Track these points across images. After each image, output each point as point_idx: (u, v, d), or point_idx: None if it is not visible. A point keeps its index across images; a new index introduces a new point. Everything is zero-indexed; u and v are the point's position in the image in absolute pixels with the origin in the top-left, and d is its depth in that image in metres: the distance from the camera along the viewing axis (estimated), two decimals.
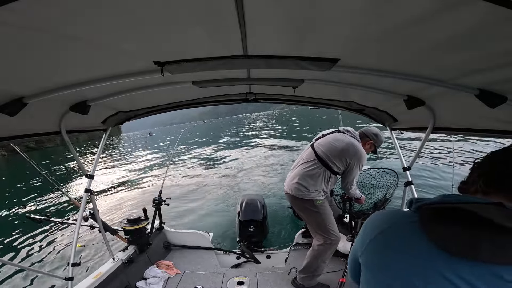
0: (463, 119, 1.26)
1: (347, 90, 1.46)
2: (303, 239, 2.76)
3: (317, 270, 2.05)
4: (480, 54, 0.68)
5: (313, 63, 0.87)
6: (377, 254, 0.55)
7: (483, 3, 0.44)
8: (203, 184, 7.99)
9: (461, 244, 0.43)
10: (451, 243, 0.44)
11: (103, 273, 1.98)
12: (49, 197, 8.43)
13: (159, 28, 0.64)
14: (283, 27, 0.66)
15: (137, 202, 6.73)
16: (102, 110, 1.64)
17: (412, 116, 1.58)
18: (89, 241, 4.31)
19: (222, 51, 0.84)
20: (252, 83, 1.39)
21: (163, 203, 2.88)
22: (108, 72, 0.96)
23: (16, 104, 0.97)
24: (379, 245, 0.55)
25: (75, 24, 0.57)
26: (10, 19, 0.50)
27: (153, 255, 2.56)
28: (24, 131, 1.29)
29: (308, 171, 1.98)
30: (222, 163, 11.46)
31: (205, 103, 1.89)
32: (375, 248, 0.56)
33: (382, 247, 0.54)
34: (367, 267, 0.57)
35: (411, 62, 0.85)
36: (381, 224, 0.57)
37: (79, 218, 1.80)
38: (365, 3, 0.52)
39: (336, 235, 1.99)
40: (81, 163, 1.79)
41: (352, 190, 2.04)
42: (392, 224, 0.56)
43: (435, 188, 5.09)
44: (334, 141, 1.98)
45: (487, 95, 0.87)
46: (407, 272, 0.48)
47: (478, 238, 0.42)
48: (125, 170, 12.89)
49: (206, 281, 2.29)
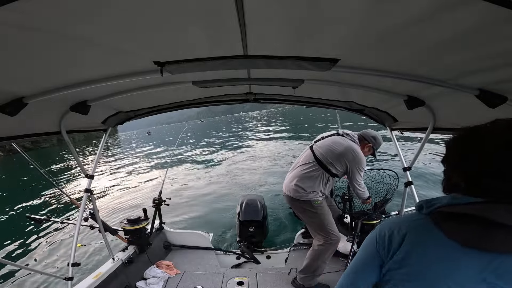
0: (463, 119, 1.26)
1: (347, 90, 1.46)
2: (303, 239, 2.76)
3: (317, 270, 2.05)
4: (480, 54, 0.68)
5: (313, 63, 0.87)
6: (409, 266, 0.54)
7: (483, 3, 0.44)
8: (203, 184, 7.99)
9: (487, 240, 0.47)
10: (474, 240, 0.48)
11: (103, 273, 1.98)
12: (49, 197, 8.43)
13: (159, 28, 0.64)
14: (283, 27, 0.66)
15: (137, 202, 6.73)
16: (102, 110, 1.63)
17: (412, 116, 1.58)
18: (89, 241, 4.30)
19: (222, 51, 0.84)
20: (252, 83, 1.39)
21: (163, 203, 2.88)
22: (108, 72, 0.96)
23: (16, 104, 0.97)
24: (408, 255, 0.54)
25: (75, 24, 0.57)
26: (10, 19, 0.50)
27: (153, 255, 2.55)
28: (24, 131, 1.29)
29: (306, 172, 1.98)
30: (222, 163, 11.45)
31: (205, 103, 1.89)
32: (403, 259, 0.54)
33: (413, 258, 0.53)
34: (400, 279, 0.56)
35: (411, 62, 0.84)
36: (399, 232, 0.56)
37: (79, 218, 1.80)
38: (365, 3, 0.52)
39: (336, 235, 1.99)
40: (81, 163, 1.79)
41: (361, 192, 2.03)
42: (410, 229, 0.55)
43: (435, 188, 5.09)
44: (333, 144, 1.98)
45: (487, 95, 0.87)
46: (443, 278, 0.49)
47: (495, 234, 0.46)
48: (125, 170, 12.87)
49: (206, 281, 2.29)
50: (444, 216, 0.52)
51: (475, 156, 0.50)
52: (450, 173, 0.57)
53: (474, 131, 0.52)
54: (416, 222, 0.56)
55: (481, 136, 0.50)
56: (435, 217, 0.53)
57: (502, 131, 0.48)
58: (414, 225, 0.56)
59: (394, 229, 0.58)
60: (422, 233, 0.54)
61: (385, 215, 2.31)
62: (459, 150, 0.54)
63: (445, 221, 0.51)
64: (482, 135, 0.50)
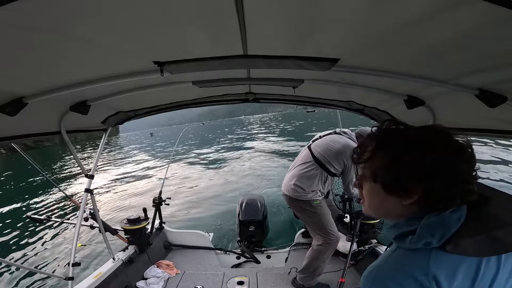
0: (463, 119, 1.26)
1: (347, 90, 1.46)
2: (303, 239, 2.77)
3: (317, 270, 2.05)
4: (480, 54, 0.67)
5: (313, 63, 0.87)
6: None
7: (483, 3, 0.44)
8: (203, 184, 7.99)
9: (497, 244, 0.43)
10: (488, 249, 0.43)
11: (103, 273, 1.98)
12: (49, 197, 8.43)
13: (159, 28, 0.64)
14: (283, 27, 0.66)
15: (137, 202, 6.73)
16: (102, 110, 1.63)
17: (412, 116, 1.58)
18: (89, 241, 4.31)
19: (222, 51, 0.83)
20: (252, 83, 1.39)
21: (163, 203, 2.88)
22: (108, 72, 0.96)
23: (16, 104, 0.97)
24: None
25: (75, 24, 0.57)
26: (10, 19, 0.50)
27: (153, 255, 2.56)
28: (24, 131, 1.29)
29: (305, 172, 1.98)
30: (222, 163, 11.46)
31: (205, 103, 1.89)
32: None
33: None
34: None
35: (411, 62, 0.84)
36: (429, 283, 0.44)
37: (79, 218, 1.80)
38: (365, 3, 0.52)
39: (335, 235, 1.99)
40: (81, 163, 1.79)
41: (353, 190, 2.04)
42: (437, 271, 0.43)
43: None
44: (330, 143, 1.98)
45: (487, 95, 0.87)
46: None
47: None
48: (125, 170, 12.89)
49: (206, 281, 2.29)
50: (457, 239, 0.44)
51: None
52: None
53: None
54: (432, 261, 0.44)
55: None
56: (451, 244, 0.44)
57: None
58: (436, 265, 0.44)
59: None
60: (446, 267, 0.44)
61: None
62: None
63: (456, 243, 0.44)
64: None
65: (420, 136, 0.49)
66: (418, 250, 0.46)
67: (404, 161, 0.48)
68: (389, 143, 0.51)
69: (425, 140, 0.48)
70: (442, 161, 0.46)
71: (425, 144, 0.47)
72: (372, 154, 0.52)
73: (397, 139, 0.51)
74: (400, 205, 0.50)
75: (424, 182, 0.46)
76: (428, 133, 0.49)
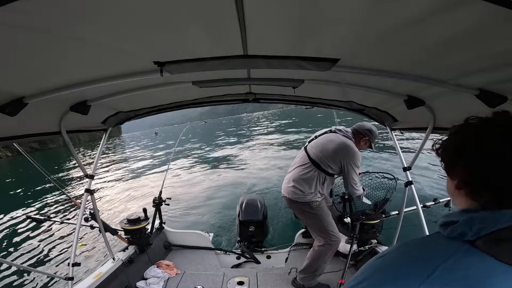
0: (463, 119, 1.26)
1: (347, 90, 1.46)
2: (303, 239, 2.76)
3: (318, 270, 2.05)
4: (480, 54, 0.68)
5: (313, 63, 0.87)
6: None
7: (482, 3, 0.44)
8: (203, 184, 7.99)
9: None
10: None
11: (103, 273, 1.98)
12: (49, 197, 8.44)
13: (159, 28, 0.64)
14: (283, 27, 0.66)
15: (137, 202, 6.73)
16: (102, 110, 1.64)
17: (412, 116, 1.58)
18: (89, 241, 4.31)
19: (222, 51, 0.84)
20: (252, 83, 1.39)
21: (163, 203, 2.88)
22: (108, 72, 0.96)
23: (16, 104, 0.97)
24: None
25: (75, 24, 0.57)
26: (10, 19, 0.50)
27: (153, 255, 2.56)
28: (24, 131, 1.30)
29: (303, 174, 1.98)
30: (222, 163, 11.45)
31: (205, 103, 1.89)
32: None
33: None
34: None
35: (411, 62, 0.84)
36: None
37: (79, 218, 1.80)
38: (365, 3, 0.52)
39: (336, 236, 1.98)
40: (81, 163, 1.79)
41: (355, 190, 2.01)
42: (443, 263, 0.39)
43: (435, 188, 5.09)
44: (326, 142, 1.97)
45: (487, 95, 0.87)
46: None
47: None
48: (126, 170, 12.89)
49: (206, 281, 2.29)
50: (495, 238, 0.39)
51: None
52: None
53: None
54: (459, 257, 0.39)
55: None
56: (485, 241, 0.39)
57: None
58: (465, 265, 0.38)
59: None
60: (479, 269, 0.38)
61: (385, 215, 2.32)
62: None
63: (498, 245, 0.39)
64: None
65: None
66: (451, 239, 0.42)
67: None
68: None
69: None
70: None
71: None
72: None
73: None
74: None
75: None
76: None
